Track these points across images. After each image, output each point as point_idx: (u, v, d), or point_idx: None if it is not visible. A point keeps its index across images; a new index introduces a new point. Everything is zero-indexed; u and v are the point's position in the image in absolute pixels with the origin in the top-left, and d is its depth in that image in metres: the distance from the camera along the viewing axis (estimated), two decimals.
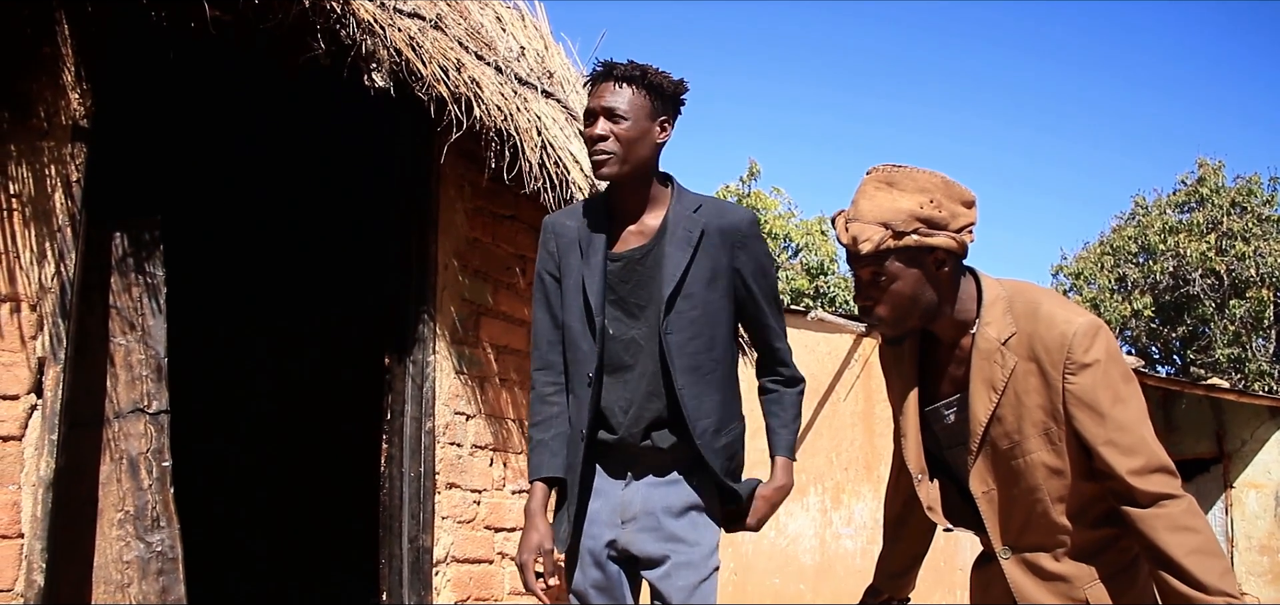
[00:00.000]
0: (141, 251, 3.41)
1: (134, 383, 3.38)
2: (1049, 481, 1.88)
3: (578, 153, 3.66)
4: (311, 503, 5.69)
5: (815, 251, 18.99)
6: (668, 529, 2.28)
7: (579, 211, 2.42)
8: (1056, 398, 1.85)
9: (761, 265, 2.36)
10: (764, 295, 2.37)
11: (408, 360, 3.88)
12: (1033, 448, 1.88)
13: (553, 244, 2.40)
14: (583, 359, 2.31)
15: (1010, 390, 1.89)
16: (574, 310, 2.33)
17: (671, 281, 2.26)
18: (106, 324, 3.36)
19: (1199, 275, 17.69)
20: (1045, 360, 1.86)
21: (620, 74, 2.27)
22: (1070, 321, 1.85)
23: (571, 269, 2.35)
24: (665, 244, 2.30)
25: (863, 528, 10.82)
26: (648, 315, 2.31)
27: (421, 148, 3.88)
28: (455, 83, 3.35)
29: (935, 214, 1.86)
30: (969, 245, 1.92)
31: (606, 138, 2.25)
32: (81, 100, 3.16)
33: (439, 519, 3.86)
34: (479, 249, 4.16)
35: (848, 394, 11.16)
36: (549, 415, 2.36)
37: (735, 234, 2.32)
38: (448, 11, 3.59)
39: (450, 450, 3.94)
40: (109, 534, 3.29)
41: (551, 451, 2.34)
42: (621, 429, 2.30)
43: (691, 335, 2.27)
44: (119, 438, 3.34)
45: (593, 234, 2.34)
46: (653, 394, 2.29)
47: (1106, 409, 1.82)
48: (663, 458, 2.31)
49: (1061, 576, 1.90)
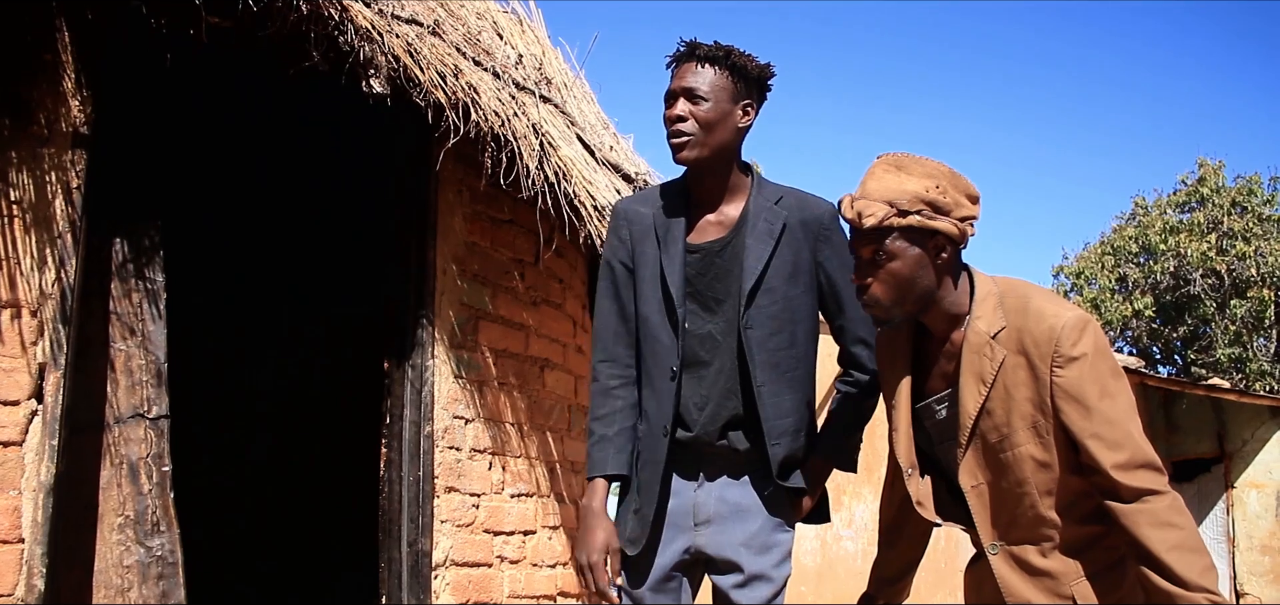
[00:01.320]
0: (141, 257, 3.43)
1: (134, 388, 3.40)
2: (1037, 475, 1.89)
3: (576, 157, 3.68)
4: (311, 507, 5.71)
5: None
6: (744, 534, 2.21)
7: (655, 197, 2.31)
8: (1044, 391, 1.86)
9: (845, 260, 2.23)
10: (847, 291, 2.24)
11: (406, 364, 3.89)
12: (1021, 441, 1.89)
13: (625, 231, 2.29)
14: (663, 352, 2.21)
15: (999, 383, 1.90)
16: (653, 302, 2.22)
17: (752, 275, 2.18)
18: (107, 329, 3.38)
19: (1200, 275, 17.69)
20: (1034, 354, 1.87)
21: (703, 54, 2.18)
22: (1059, 315, 1.86)
23: (648, 258, 2.24)
24: (745, 236, 2.21)
25: (863, 529, 10.83)
26: (725, 310, 2.22)
27: (419, 153, 3.89)
28: (453, 88, 3.36)
29: (940, 199, 1.89)
30: (969, 238, 1.94)
31: (685, 119, 2.16)
32: (82, 107, 3.18)
33: (438, 523, 3.87)
34: (477, 253, 4.17)
35: None
36: (614, 409, 2.25)
37: (818, 227, 2.25)
38: (445, 17, 3.61)
39: (449, 454, 3.96)
40: (109, 539, 3.31)
41: (616, 447, 2.22)
42: (697, 427, 2.21)
43: (772, 331, 2.19)
44: (119, 443, 3.35)
45: (670, 221, 2.23)
46: (730, 392, 2.20)
47: (1093, 402, 1.83)
48: (738, 458, 2.23)
49: (1048, 572, 1.90)
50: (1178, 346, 19.24)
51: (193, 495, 3.78)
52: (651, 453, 2.21)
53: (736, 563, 2.19)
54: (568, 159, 3.60)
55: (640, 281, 2.25)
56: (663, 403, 2.20)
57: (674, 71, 2.21)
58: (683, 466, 2.25)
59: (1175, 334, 18.85)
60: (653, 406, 2.23)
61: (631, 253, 2.27)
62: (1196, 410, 11.83)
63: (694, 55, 2.19)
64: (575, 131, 3.86)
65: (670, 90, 2.19)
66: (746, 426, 2.21)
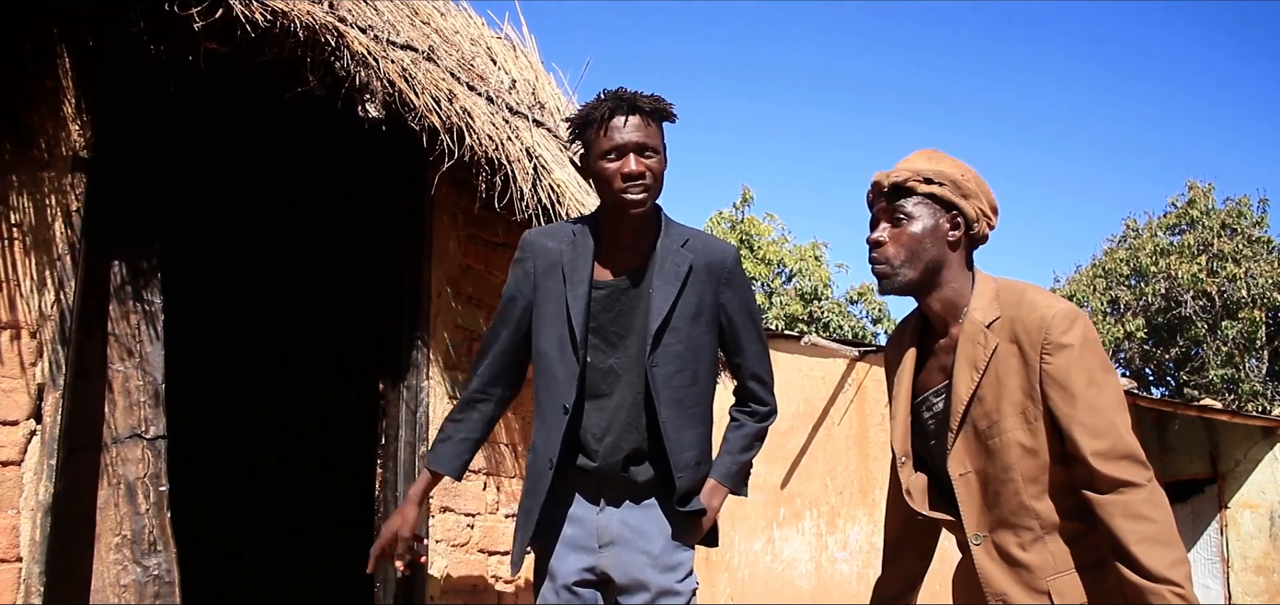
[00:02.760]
0: (139, 279, 3.47)
1: (132, 408, 3.43)
2: (1023, 462, 1.92)
3: (568, 180, 3.73)
4: (306, 527, 5.72)
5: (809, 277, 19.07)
6: (648, 553, 2.29)
7: (563, 232, 2.38)
8: (1034, 378, 1.90)
9: (745, 301, 2.38)
10: (745, 331, 2.38)
11: (402, 385, 3.93)
12: (1009, 427, 1.92)
13: (531, 264, 2.36)
14: (558, 387, 2.28)
15: (991, 370, 1.95)
16: (552, 337, 2.29)
17: (659, 315, 2.25)
18: (105, 350, 3.41)
19: (1191, 297, 17.78)
20: (1025, 341, 1.92)
21: (649, 109, 2.25)
22: (1051, 306, 1.92)
23: (551, 293, 2.31)
24: (653, 275, 2.29)
25: (858, 552, 10.84)
26: (627, 345, 2.29)
27: (414, 176, 3.94)
28: (447, 113, 3.42)
29: (965, 184, 2.00)
30: (985, 237, 2.04)
31: (644, 174, 2.23)
32: (81, 132, 3.23)
33: (433, 542, 3.90)
34: (471, 276, 4.22)
35: (842, 418, 11.20)
36: (469, 419, 2.43)
37: (721, 270, 2.34)
38: (439, 43, 3.67)
39: None
40: (106, 558, 3.34)
41: (454, 451, 2.41)
42: (598, 458, 2.29)
43: (676, 369, 2.27)
44: (117, 463, 3.38)
45: (577, 257, 2.31)
46: (631, 425, 2.28)
47: (1079, 390, 1.86)
48: (638, 486, 2.32)
49: (1027, 565, 1.92)
50: (1170, 368, 19.31)
51: (189, 515, 3.81)
52: (534, 483, 2.31)
53: (643, 581, 2.28)
54: (561, 182, 3.66)
55: (540, 318, 2.33)
56: (551, 436, 2.29)
57: (620, 124, 2.24)
58: (585, 491, 2.36)
59: (1167, 356, 18.92)
60: (541, 438, 2.31)
61: (535, 286, 2.35)
62: (1189, 431, 11.86)
63: (639, 109, 2.25)
64: (568, 155, 3.91)
65: (620, 144, 2.23)
66: (648, 458, 2.31)
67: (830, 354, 11.32)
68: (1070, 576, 1.89)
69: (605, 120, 2.25)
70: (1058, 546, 1.91)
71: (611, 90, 2.28)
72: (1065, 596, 1.88)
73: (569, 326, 2.27)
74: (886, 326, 19.91)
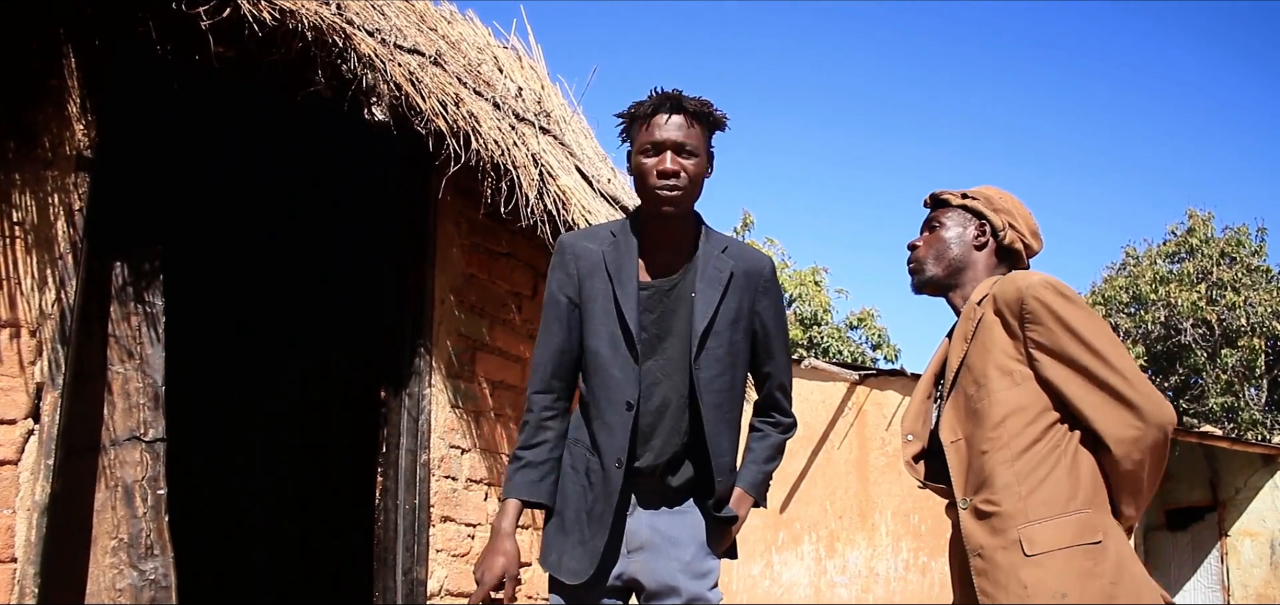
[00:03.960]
0: (141, 281, 3.45)
1: (131, 411, 3.40)
2: (1009, 420, 1.99)
3: (574, 186, 3.72)
4: (306, 534, 5.67)
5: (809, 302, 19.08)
6: (680, 559, 2.27)
7: (601, 234, 2.35)
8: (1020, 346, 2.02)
9: (778, 312, 2.39)
10: (778, 341, 2.39)
11: (404, 393, 3.90)
12: (996, 388, 2.01)
13: (573, 266, 2.31)
14: (616, 386, 2.25)
15: (979, 338, 2.08)
16: (604, 336, 2.26)
17: (704, 318, 2.26)
18: (105, 352, 3.38)
19: (1190, 325, 17.78)
20: (1007, 312, 2.04)
21: (692, 109, 2.24)
22: (1028, 278, 2.04)
23: (598, 293, 2.28)
24: (695, 279, 2.29)
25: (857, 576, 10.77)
26: (666, 348, 2.29)
27: (419, 183, 3.93)
28: (454, 117, 3.41)
29: (999, 202, 2.23)
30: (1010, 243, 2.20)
31: (678, 174, 2.22)
32: (86, 131, 3.21)
33: (433, 552, 3.86)
34: (475, 285, 4.20)
35: (842, 442, 11.16)
36: (543, 441, 2.29)
37: (759, 279, 2.34)
38: (446, 49, 3.67)
39: (445, 483, 3.95)
40: (103, 561, 3.29)
41: (540, 475, 2.28)
42: (643, 459, 2.27)
43: (717, 372, 2.27)
44: (115, 465, 3.35)
45: (621, 259, 2.29)
46: (675, 429, 2.27)
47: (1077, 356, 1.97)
48: (672, 490, 2.30)
49: (1002, 515, 1.97)
50: (1169, 396, 19.27)
51: (187, 519, 3.76)
52: (604, 485, 2.24)
53: (675, 587, 2.25)
54: (567, 188, 3.64)
55: (590, 316, 2.29)
56: (616, 435, 2.24)
57: (661, 122, 2.24)
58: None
59: (1166, 384, 18.89)
60: (604, 438, 2.25)
61: (579, 288, 2.31)
62: (1189, 458, 11.83)
63: (683, 109, 2.24)
64: (574, 162, 3.90)
65: (659, 141, 2.23)
66: (689, 460, 2.29)
67: (831, 377, 11.30)
68: (1042, 526, 1.93)
69: (649, 116, 2.25)
70: (1035, 500, 1.95)
71: (664, 90, 2.28)
72: (1036, 545, 1.91)
73: (622, 324, 2.25)
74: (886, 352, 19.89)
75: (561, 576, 2.22)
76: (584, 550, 2.22)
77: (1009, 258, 2.23)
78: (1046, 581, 1.88)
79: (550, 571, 2.25)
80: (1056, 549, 1.90)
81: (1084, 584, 1.87)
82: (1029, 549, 1.91)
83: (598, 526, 2.23)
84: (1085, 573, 1.88)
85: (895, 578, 10.43)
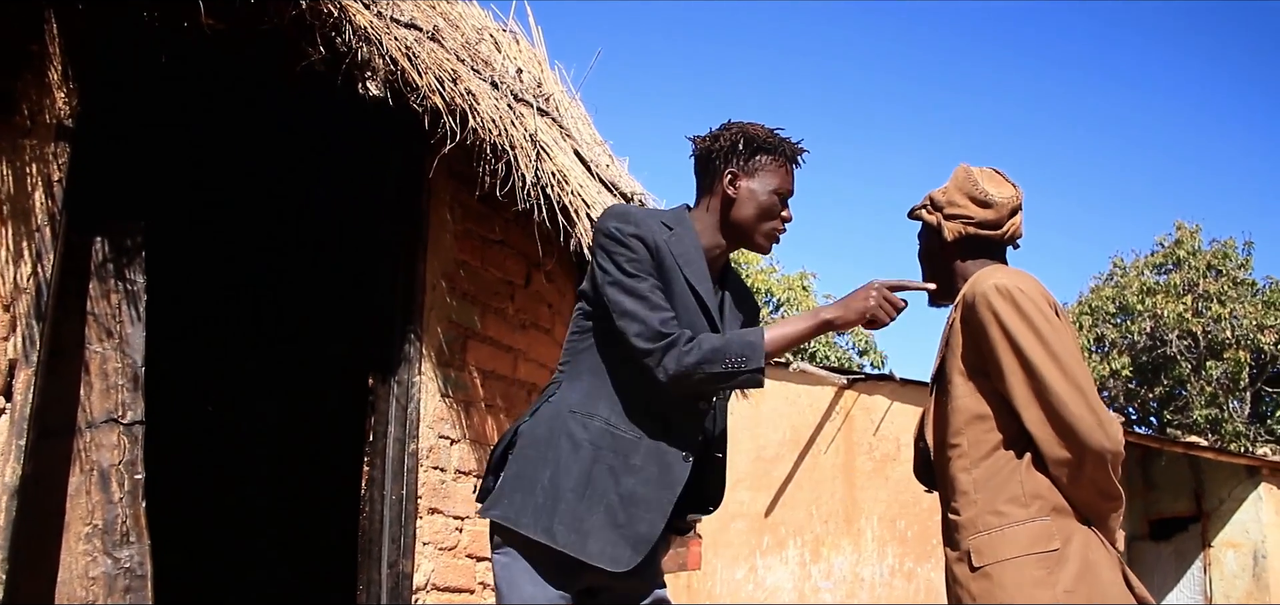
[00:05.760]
0: (123, 257, 3.32)
1: (109, 391, 3.27)
2: (969, 427, 1.96)
3: (570, 167, 3.62)
4: (288, 523, 5.53)
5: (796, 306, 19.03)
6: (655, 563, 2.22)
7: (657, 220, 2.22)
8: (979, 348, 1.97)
9: None
10: None
11: (392, 380, 3.78)
12: (958, 392, 1.99)
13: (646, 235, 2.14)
14: None
15: (950, 343, 2.04)
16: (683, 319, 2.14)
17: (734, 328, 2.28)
18: (83, 330, 3.26)
19: (1176, 336, 17.83)
20: (968, 317, 2.00)
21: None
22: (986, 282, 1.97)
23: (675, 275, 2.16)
24: (731, 291, 2.32)
25: (842, 581, 10.72)
26: None
27: (413, 164, 3.82)
28: (451, 94, 3.30)
29: (940, 196, 2.14)
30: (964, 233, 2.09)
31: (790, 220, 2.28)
32: (67, 99, 3.09)
33: (420, 545, 3.74)
34: (468, 272, 4.09)
35: (829, 447, 11.11)
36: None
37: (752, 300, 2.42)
38: (444, 26, 3.56)
39: (433, 474, 3.84)
40: (75, 548, 3.17)
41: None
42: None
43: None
44: (90, 448, 3.22)
45: (688, 250, 2.20)
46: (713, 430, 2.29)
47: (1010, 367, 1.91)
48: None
49: (959, 525, 1.95)
50: (1154, 407, 19.34)
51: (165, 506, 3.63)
52: (666, 474, 2.12)
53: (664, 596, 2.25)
54: (564, 168, 3.54)
55: (673, 294, 2.16)
56: (688, 425, 2.16)
57: (792, 171, 2.26)
58: None
59: (1151, 395, 18.95)
60: (678, 422, 2.14)
61: (652, 255, 2.15)
62: (1174, 469, 11.84)
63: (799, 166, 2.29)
64: (572, 144, 3.80)
65: (789, 191, 2.25)
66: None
67: (818, 381, 11.24)
68: (990, 536, 1.89)
69: (788, 160, 2.25)
70: (988, 510, 1.91)
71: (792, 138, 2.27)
72: (984, 556, 1.88)
73: (705, 313, 2.17)
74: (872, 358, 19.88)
75: (587, 557, 2.04)
76: (625, 540, 2.07)
77: (981, 244, 2.10)
78: (993, 593, 1.84)
79: (548, 541, 2.04)
80: (1006, 559, 1.85)
81: (1034, 593, 1.81)
82: (976, 560, 1.88)
83: (653, 516, 2.09)
84: (1037, 582, 1.82)
85: (880, 583, 10.38)
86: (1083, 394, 1.85)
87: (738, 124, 2.26)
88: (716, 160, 2.23)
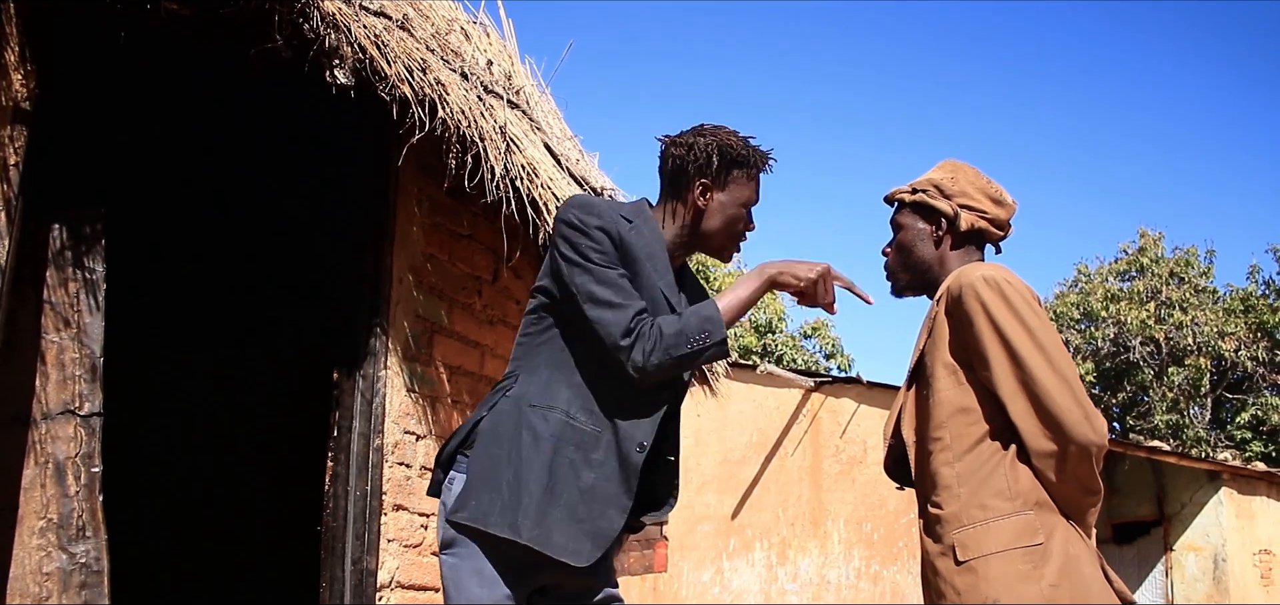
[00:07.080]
0: (81, 245, 3.25)
1: (65, 382, 3.20)
2: (952, 421, 1.95)
3: (539, 159, 3.59)
4: (250, 518, 5.44)
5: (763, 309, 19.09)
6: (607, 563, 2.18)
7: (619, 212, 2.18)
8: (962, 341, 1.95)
9: None
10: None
11: (357, 374, 3.73)
12: (941, 386, 1.97)
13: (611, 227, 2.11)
14: None
15: (932, 335, 2.03)
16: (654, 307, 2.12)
17: None
18: (39, 319, 3.18)
19: (1139, 343, 18.09)
20: (953, 308, 1.98)
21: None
22: (974, 273, 1.96)
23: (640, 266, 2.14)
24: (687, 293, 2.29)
25: (809, 583, 10.74)
26: None
27: (381, 155, 3.77)
28: (419, 84, 3.26)
29: (948, 185, 2.12)
30: (968, 226, 2.10)
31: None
32: (25, 81, 3.02)
33: (385, 542, 3.69)
34: (435, 266, 4.04)
35: (795, 449, 11.13)
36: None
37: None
38: (414, 15, 3.52)
39: (399, 470, 3.79)
40: (29, 543, 3.09)
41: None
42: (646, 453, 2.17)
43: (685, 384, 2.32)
44: (46, 440, 3.14)
45: (653, 245, 2.17)
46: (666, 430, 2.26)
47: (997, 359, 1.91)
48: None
49: (942, 519, 1.93)
50: (1117, 412, 19.60)
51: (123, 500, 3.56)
52: (625, 470, 2.09)
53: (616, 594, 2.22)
54: (533, 160, 3.51)
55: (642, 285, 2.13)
56: (645, 420, 2.12)
57: (759, 182, 2.26)
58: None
59: (1115, 400, 19.21)
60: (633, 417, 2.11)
61: (617, 246, 2.11)
62: (1137, 473, 11.99)
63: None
64: (542, 138, 3.77)
65: (755, 202, 2.25)
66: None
67: (785, 383, 11.27)
68: (975, 530, 1.87)
69: (758, 173, 2.24)
70: (973, 503, 1.90)
71: (762, 146, 2.24)
72: (969, 550, 1.86)
73: (670, 307, 2.14)
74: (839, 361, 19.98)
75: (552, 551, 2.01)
76: (580, 530, 2.04)
77: (975, 239, 2.14)
78: (978, 587, 1.83)
79: (513, 536, 2.00)
80: (991, 553, 1.84)
81: (1020, 587, 1.81)
82: (961, 555, 1.87)
83: (606, 507, 2.07)
84: (1022, 576, 1.81)
85: (847, 586, 10.42)
86: (1069, 387, 1.85)
87: (711, 131, 2.21)
88: (689, 169, 2.19)
